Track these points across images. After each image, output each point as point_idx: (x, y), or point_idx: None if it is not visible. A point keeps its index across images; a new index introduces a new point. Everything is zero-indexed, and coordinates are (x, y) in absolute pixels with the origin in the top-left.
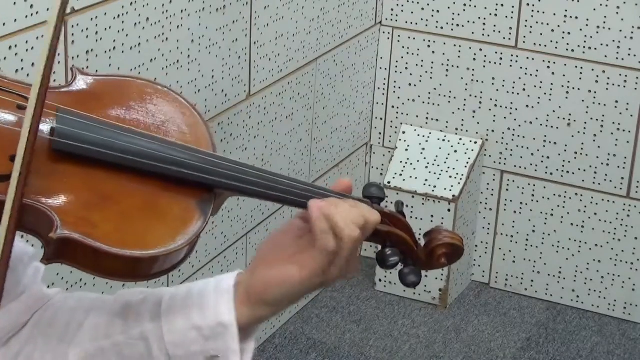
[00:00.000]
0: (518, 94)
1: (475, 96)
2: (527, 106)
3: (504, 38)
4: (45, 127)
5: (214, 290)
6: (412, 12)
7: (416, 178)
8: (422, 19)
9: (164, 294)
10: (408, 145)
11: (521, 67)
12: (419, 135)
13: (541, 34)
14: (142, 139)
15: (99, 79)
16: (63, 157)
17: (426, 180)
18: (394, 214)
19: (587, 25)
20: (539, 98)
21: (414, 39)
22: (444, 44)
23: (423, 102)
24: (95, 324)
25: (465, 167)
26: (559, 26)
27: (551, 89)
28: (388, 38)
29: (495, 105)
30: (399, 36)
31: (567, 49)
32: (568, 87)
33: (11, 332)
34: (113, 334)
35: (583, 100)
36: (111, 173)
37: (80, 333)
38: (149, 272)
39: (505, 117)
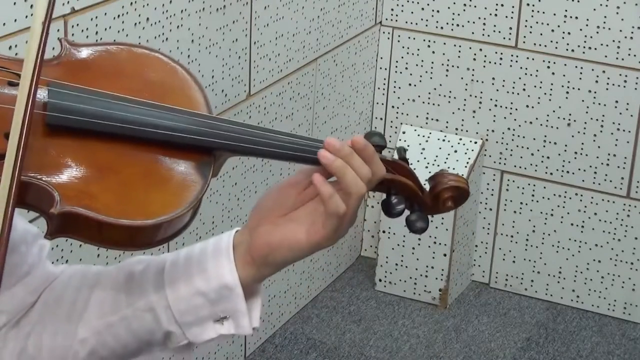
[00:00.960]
0: (518, 94)
1: (475, 96)
2: (527, 106)
3: (504, 38)
4: (37, 102)
5: (213, 253)
6: (412, 12)
7: None
8: (422, 19)
9: (165, 262)
10: (408, 145)
11: (521, 67)
12: (419, 135)
13: (541, 34)
14: (136, 106)
15: (88, 49)
16: (58, 131)
17: (426, 180)
18: (397, 162)
19: (587, 25)
20: (539, 98)
21: (414, 39)
22: (444, 44)
23: (423, 102)
24: (100, 300)
25: (465, 167)
26: (559, 26)
27: (551, 89)
28: (388, 38)
29: (495, 105)
30: (399, 36)
31: (567, 49)
32: (568, 87)
33: (20, 313)
34: (119, 308)
35: (583, 100)
36: (108, 143)
37: (87, 310)
38: (154, 240)
39: (505, 117)
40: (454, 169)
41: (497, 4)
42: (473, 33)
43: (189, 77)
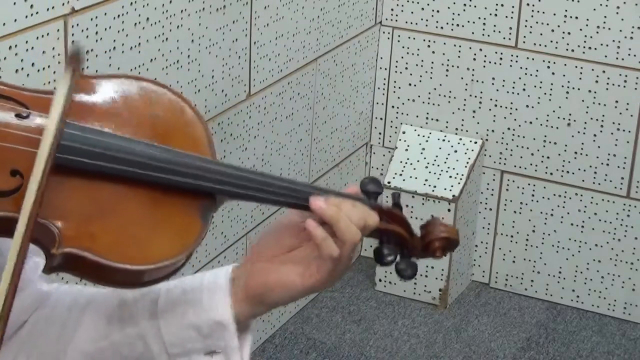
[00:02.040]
0: (518, 94)
1: (475, 96)
2: (527, 106)
3: (504, 38)
4: None
5: (210, 287)
6: (412, 12)
7: (416, 178)
8: (422, 19)
9: (160, 290)
10: (408, 145)
11: (521, 67)
12: (419, 135)
13: (541, 34)
14: (142, 149)
15: (97, 82)
16: (64, 171)
17: (426, 180)
18: (391, 210)
19: (587, 25)
20: (539, 98)
21: (414, 39)
22: (444, 44)
23: (423, 102)
24: (92, 323)
25: (465, 167)
26: (559, 26)
27: (551, 89)
28: (388, 38)
29: (495, 105)
30: (399, 36)
31: (567, 49)
32: (568, 87)
33: (10, 331)
34: (110, 333)
35: (583, 100)
36: (111, 183)
37: (77, 333)
38: (151, 281)
39: (505, 117)
40: (454, 169)
41: (497, 4)
42: (473, 33)
43: (196, 116)
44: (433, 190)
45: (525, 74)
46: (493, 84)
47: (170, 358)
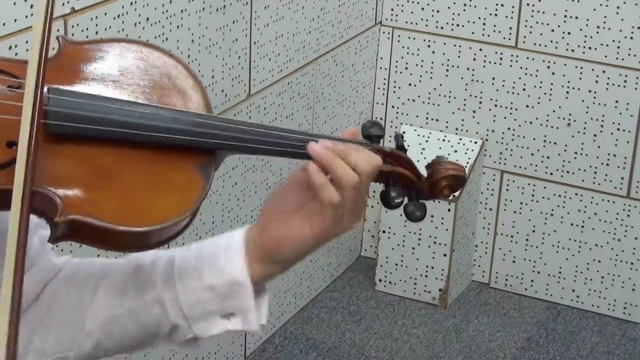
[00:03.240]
0: (518, 94)
1: (475, 96)
2: (527, 106)
3: (504, 38)
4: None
5: (224, 249)
6: (412, 12)
7: None
8: (422, 19)
9: (175, 255)
10: (408, 145)
11: (521, 67)
12: (419, 135)
13: (541, 34)
14: (137, 109)
15: (87, 47)
16: (59, 138)
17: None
18: (394, 152)
19: (587, 25)
20: (539, 98)
21: (414, 39)
22: (444, 44)
23: (423, 102)
24: (108, 291)
25: (465, 167)
26: (559, 26)
27: (551, 89)
28: (388, 38)
29: (495, 105)
30: (399, 36)
31: (567, 49)
32: (568, 87)
33: (25, 304)
34: (127, 300)
35: (583, 100)
36: (109, 148)
37: (94, 302)
38: (157, 242)
39: (505, 117)
40: None
41: (497, 4)
42: (473, 33)
43: (189, 73)
44: None
45: (525, 74)
46: (493, 84)
47: (188, 321)
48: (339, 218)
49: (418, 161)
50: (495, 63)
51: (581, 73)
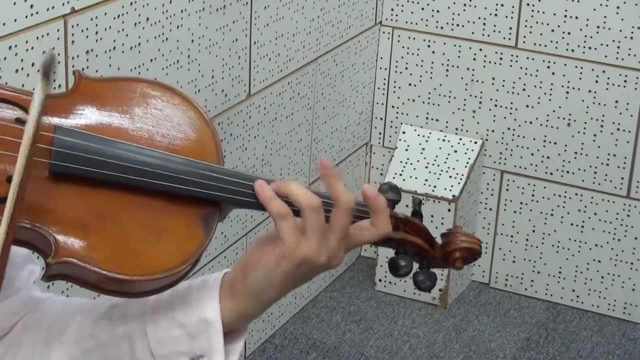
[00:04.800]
0: (518, 94)
1: (475, 96)
2: (527, 106)
3: (504, 38)
4: (42, 149)
5: (198, 287)
6: (412, 12)
7: (416, 178)
8: (422, 19)
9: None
10: (408, 145)
11: (521, 67)
12: (419, 135)
13: (541, 34)
14: (145, 156)
15: (101, 84)
16: (61, 178)
17: (426, 180)
18: (408, 220)
19: (587, 25)
20: (539, 98)
21: (414, 39)
22: (444, 44)
23: (423, 102)
24: (80, 325)
25: (465, 167)
26: (559, 26)
27: (551, 89)
28: (388, 38)
29: (495, 105)
30: (399, 36)
31: (567, 49)
32: (568, 87)
33: None
34: (98, 334)
35: (583, 100)
36: (112, 191)
37: (64, 334)
38: (150, 291)
39: (505, 117)
40: (454, 169)
41: (497, 4)
42: (473, 33)
43: (204, 121)
44: (433, 190)
45: (525, 74)
46: (493, 84)
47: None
48: (294, 235)
49: (418, 161)
50: (495, 63)
51: (581, 73)
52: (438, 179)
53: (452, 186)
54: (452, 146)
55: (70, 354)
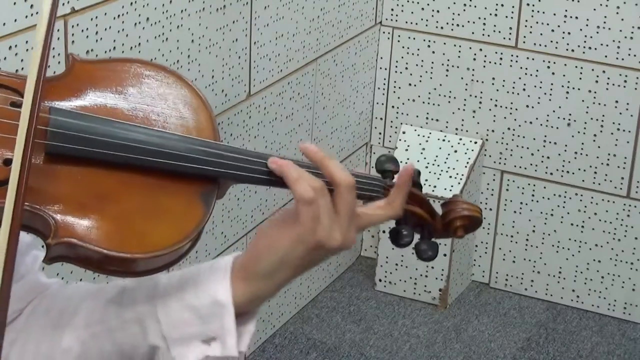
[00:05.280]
0: (518, 94)
1: (475, 96)
2: (527, 106)
3: (504, 38)
4: (38, 129)
5: (209, 269)
6: (412, 12)
7: None
8: (422, 19)
9: (160, 278)
10: (408, 145)
11: (521, 67)
12: (419, 135)
13: (541, 34)
14: (141, 134)
15: (95, 65)
16: (57, 158)
17: (426, 180)
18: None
19: (587, 25)
20: (539, 98)
21: (414, 39)
22: (444, 44)
23: (423, 102)
24: (90, 310)
25: (465, 167)
26: (559, 26)
27: (551, 89)
28: (388, 38)
29: (495, 105)
30: (399, 36)
31: (567, 49)
32: (568, 87)
33: (8, 319)
34: (107, 319)
35: (583, 100)
36: (109, 171)
37: (74, 319)
38: (152, 269)
39: (505, 117)
40: (454, 169)
41: (497, 4)
42: (473, 33)
43: (199, 99)
44: (433, 190)
45: (525, 74)
46: (493, 84)
47: (168, 342)
48: (314, 219)
49: (418, 161)
50: (495, 63)
51: (581, 73)
52: (438, 179)
53: (452, 186)
54: (452, 146)
55: (80, 338)
